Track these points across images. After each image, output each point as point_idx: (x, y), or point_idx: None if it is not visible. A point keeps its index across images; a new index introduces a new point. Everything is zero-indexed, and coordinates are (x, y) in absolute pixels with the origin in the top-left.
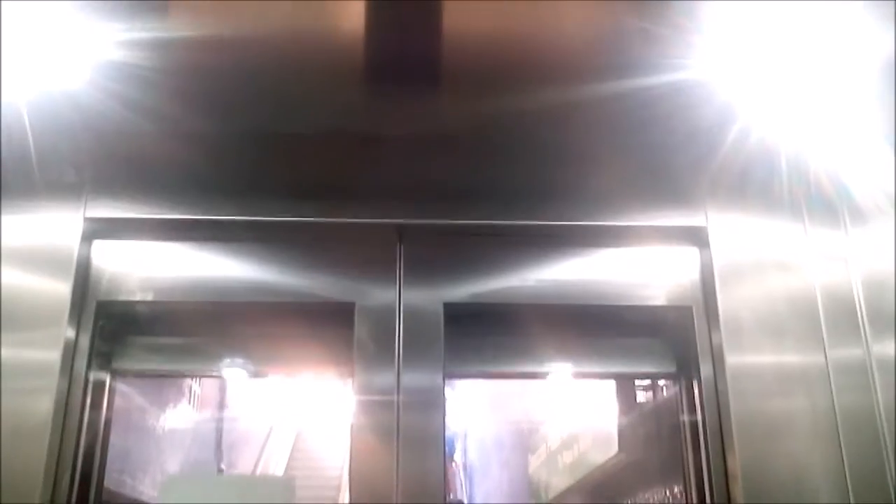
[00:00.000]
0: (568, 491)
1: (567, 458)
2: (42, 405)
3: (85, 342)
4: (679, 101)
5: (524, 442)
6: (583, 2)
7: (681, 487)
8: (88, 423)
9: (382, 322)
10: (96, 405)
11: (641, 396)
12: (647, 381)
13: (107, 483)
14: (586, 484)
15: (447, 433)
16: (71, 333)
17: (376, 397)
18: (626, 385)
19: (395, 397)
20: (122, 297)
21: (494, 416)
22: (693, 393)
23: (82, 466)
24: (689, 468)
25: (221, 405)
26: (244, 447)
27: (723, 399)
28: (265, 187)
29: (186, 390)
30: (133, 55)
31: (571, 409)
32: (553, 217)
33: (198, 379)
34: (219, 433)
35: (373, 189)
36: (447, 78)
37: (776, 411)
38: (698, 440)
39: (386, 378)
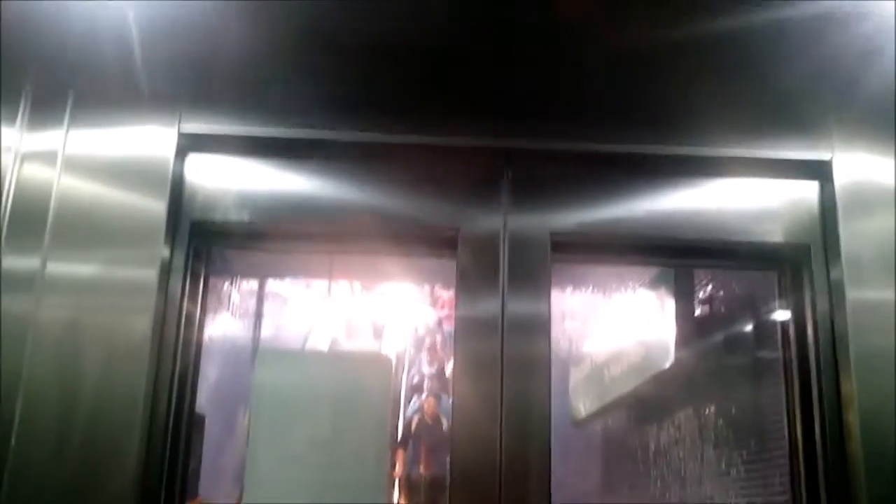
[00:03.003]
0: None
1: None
2: (140, 325)
3: (179, 261)
4: (813, 31)
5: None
6: None
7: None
8: (184, 344)
9: (487, 249)
10: (190, 325)
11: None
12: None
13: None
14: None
15: None
16: (166, 252)
17: (480, 326)
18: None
19: (500, 326)
20: (218, 217)
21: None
22: (805, 325)
23: (178, 388)
24: (793, 399)
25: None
26: None
27: (840, 333)
28: (366, 106)
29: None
30: None
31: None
32: (668, 145)
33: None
34: None
35: (479, 109)
36: None
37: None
38: (808, 373)
39: (490, 306)
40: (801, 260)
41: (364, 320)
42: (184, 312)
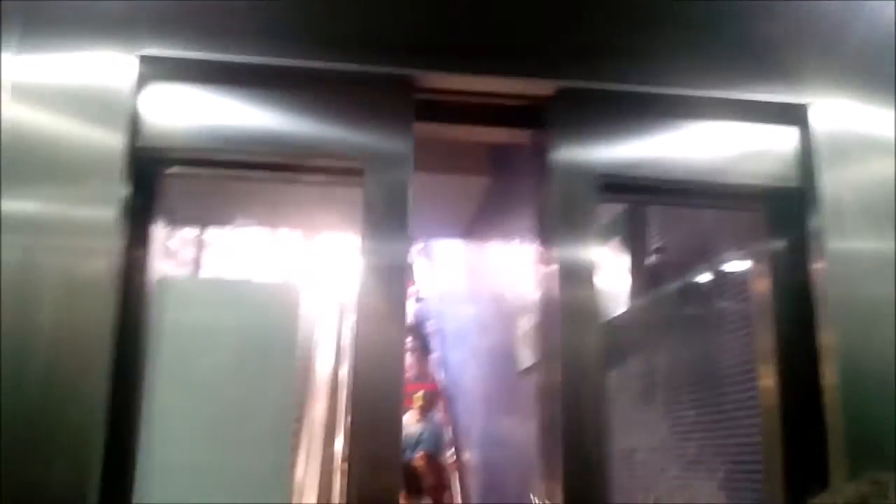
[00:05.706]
0: None
1: None
2: (101, 264)
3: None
4: None
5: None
6: None
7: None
8: (143, 280)
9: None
10: (147, 260)
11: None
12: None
13: None
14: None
15: None
16: (123, 186)
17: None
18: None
19: None
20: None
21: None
22: (780, 273)
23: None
24: (771, 346)
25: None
26: None
27: (820, 281)
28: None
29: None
30: None
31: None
32: (648, 83)
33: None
34: None
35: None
36: None
37: (874, 296)
38: (784, 320)
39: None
40: (781, 203)
41: (308, 265)
42: (141, 246)
